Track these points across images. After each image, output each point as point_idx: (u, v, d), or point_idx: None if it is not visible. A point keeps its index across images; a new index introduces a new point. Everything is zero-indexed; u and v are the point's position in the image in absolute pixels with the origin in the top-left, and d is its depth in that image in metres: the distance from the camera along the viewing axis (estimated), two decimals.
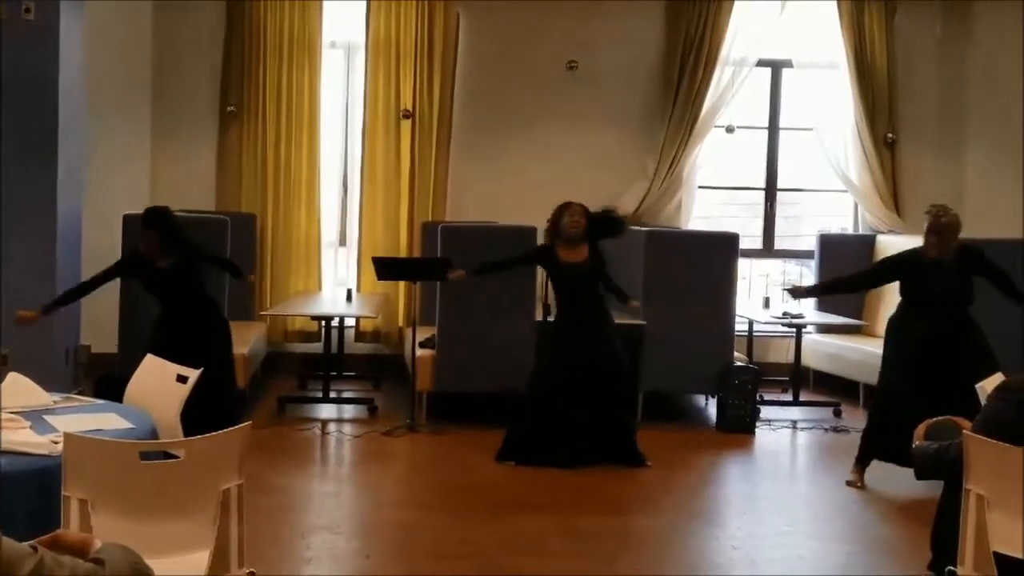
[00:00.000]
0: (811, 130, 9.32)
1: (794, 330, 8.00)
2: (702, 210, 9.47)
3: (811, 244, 9.16)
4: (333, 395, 7.69)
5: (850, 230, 9.60)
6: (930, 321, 5.74)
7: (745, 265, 9.09)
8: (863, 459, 5.98)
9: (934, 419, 3.58)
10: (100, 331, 7.34)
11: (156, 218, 6.02)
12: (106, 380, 6.24)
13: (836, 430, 7.44)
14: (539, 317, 6.92)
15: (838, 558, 4.85)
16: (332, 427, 7.10)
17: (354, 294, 8.27)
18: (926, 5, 9.29)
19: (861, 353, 7.95)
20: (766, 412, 7.68)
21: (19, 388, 3.78)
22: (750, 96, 9.37)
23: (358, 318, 8.41)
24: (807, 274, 9.63)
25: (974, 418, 3.34)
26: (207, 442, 3.02)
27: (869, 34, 9.16)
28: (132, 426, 3.50)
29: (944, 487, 3.50)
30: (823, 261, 8.89)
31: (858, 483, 5.94)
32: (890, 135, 9.23)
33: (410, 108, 8.82)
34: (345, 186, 9.20)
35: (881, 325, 6.71)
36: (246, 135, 8.77)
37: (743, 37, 9.07)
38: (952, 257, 5.72)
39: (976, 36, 9.20)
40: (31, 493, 2.97)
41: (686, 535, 5.13)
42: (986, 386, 3.83)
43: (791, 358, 8.17)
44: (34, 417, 3.54)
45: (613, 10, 9.05)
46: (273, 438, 6.63)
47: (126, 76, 8.58)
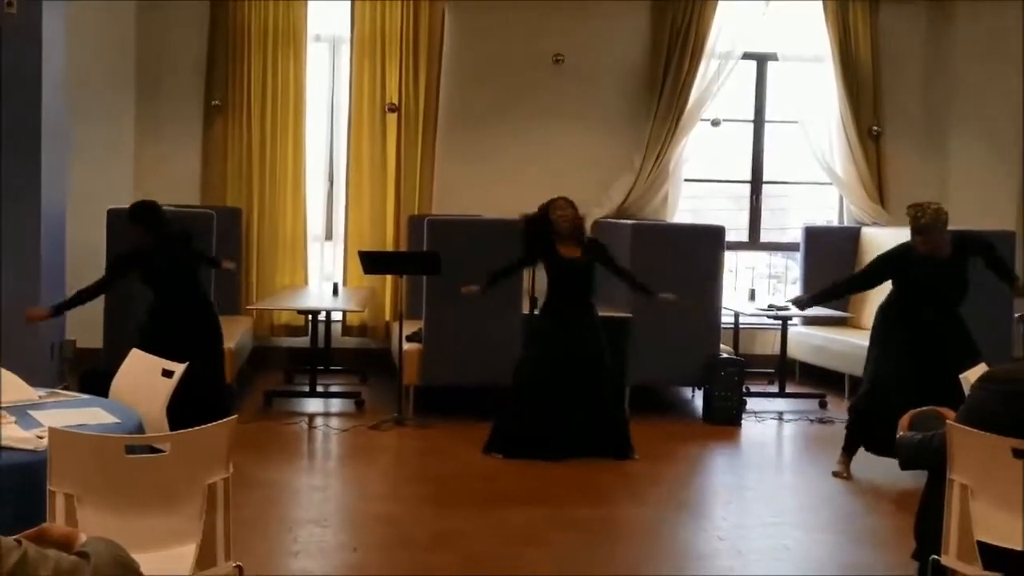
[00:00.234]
0: (796, 123, 9.35)
1: (780, 322, 8.04)
2: (688, 203, 9.49)
3: (797, 237, 9.19)
4: (320, 389, 7.68)
5: (835, 222, 9.64)
6: (919, 313, 5.76)
7: (731, 258, 9.11)
8: (849, 449, 6.02)
9: (918, 409, 3.59)
10: (85, 326, 7.31)
11: (142, 213, 6.02)
12: (91, 375, 6.23)
13: (822, 421, 7.48)
14: (525, 311, 6.93)
15: (824, 548, 4.88)
16: (319, 421, 7.09)
17: (340, 288, 8.27)
18: None
19: (846, 345, 7.99)
20: (752, 404, 7.72)
21: (4, 383, 3.75)
22: (736, 89, 9.39)
23: (345, 312, 8.40)
24: (792, 267, 9.66)
25: (958, 408, 3.35)
26: (193, 436, 3.02)
27: (854, 27, 9.19)
28: (118, 421, 3.49)
29: (928, 477, 3.52)
30: (808, 253, 8.93)
31: (844, 473, 5.97)
32: (875, 127, 9.26)
33: (396, 102, 8.79)
34: (331, 180, 9.18)
35: (867, 317, 6.74)
36: (231, 129, 8.73)
37: (728, 30, 9.09)
38: (946, 250, 5.70)
39: (960, 29, 9.23)
40: (16, 488, 2.95)
41: (673, 526, 5.15)
42: (970, 376, 3.85)
43: (777, 350, 8.21)
44: (19, 412, 3.52)
45: (599, 4, 9.04)
46: (260, 432, 6.62)
47: (110, 69, 8.52)
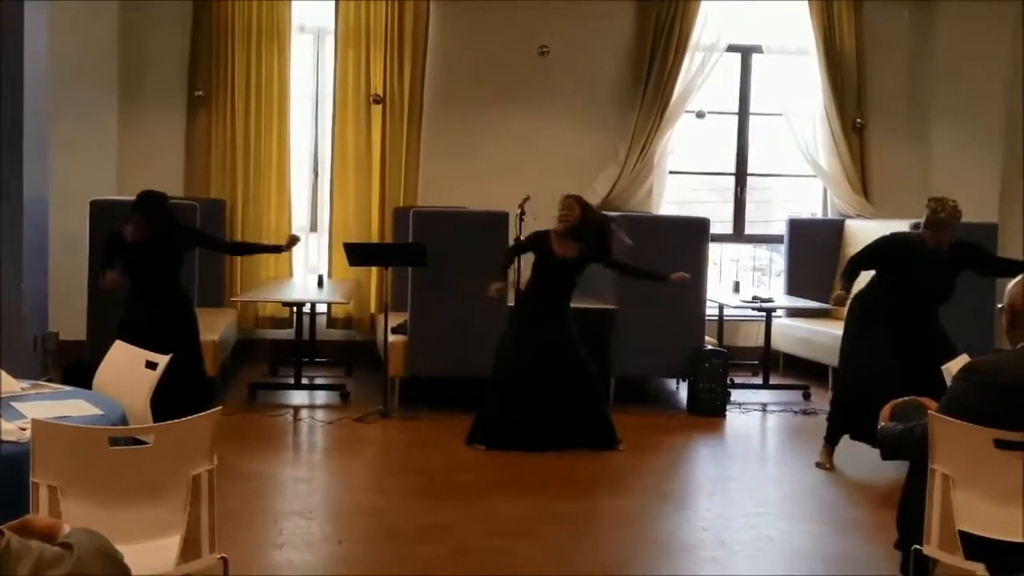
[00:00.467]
0: (780, 115, 9.37)
1: (764, 314, 8.07)
2: (673, 195, 9.51)
3: (781, 229, 9.22)
4: (305, 381, 7.67)
5: (819, 215, 9.67)
6: (902, 305, 5.77)
7: (716, 250, 9.15)
8: (831, 438, 6.05)
9: (899, 400, 3.61)
10: (68, 318, 7.29)
11: (146, 202, 6.01)
12: (75, 367, 6.21)
13: (805, 413, 7.52)
14: (511, 303, 6.93)
15: (807, 538, 4.91)
16: (304, 413, 7.08)
17: (326, 280, 8.24)
18: None
19: (830, 337, 8.00)
20: (736, 395, 7.75)
21: None
22: (720, 81, 9.41)
23: (330, 304, 8.38)
24: (776, 259, 9.69)
25: (939, 399, 3.37)
26: (177, 428, 3.01)
27: (838, 20, 9.21)
28: (101, 412, 3.48)
29: (910, 467, 3.54)
30: (792, 246, 8.97)
31: (827, 464, 6.01)
32: (858, 120, 9.30)
33: (381, 93, 8.76)
34: (316, 171, 9.15)
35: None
36: (215, 120, 8.68)
37: (713, 23, 9.10)
38: (946, 250, 5.73)
39: (943, 22, 9.27)
40: None
41: (657, 517, 5.17)
42: (951, 367, 3.88)
43: (761, 342, 8.25)
44: (2, 404, 3.50)
45: None
46: (244, 425, 6.61)
47: (92, 60, 8.45)
